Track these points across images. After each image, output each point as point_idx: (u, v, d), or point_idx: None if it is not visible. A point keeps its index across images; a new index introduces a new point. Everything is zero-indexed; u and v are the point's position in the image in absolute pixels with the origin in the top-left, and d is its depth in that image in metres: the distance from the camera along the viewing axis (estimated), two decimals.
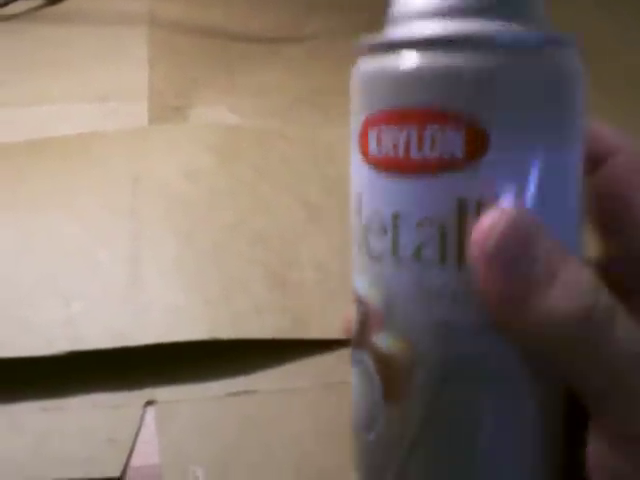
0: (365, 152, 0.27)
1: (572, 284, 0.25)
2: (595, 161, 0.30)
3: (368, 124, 0.27)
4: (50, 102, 0.67)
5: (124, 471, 0.46)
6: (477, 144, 0.25)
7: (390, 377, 0.27)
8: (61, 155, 0.61)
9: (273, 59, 0.73)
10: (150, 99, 0.68)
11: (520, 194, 0.26)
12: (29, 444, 0.46)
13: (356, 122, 0.28)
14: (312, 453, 0.46)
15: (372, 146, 0.27)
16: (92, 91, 0.68)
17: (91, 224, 0.55)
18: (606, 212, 0.30)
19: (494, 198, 0.26)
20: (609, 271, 0.29)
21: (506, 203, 0.26)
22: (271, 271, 0.53)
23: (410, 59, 0.26)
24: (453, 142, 0.25)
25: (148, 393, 0.49)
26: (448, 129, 0.25)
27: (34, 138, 0.63)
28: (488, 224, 0.25)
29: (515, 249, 0.25)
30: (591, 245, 0.30)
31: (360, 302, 0.29)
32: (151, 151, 0.61)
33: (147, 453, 0.47)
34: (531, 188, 0.26)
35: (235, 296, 0.51)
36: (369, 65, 0.27)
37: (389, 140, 0.26)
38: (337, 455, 0.46)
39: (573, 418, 0.28)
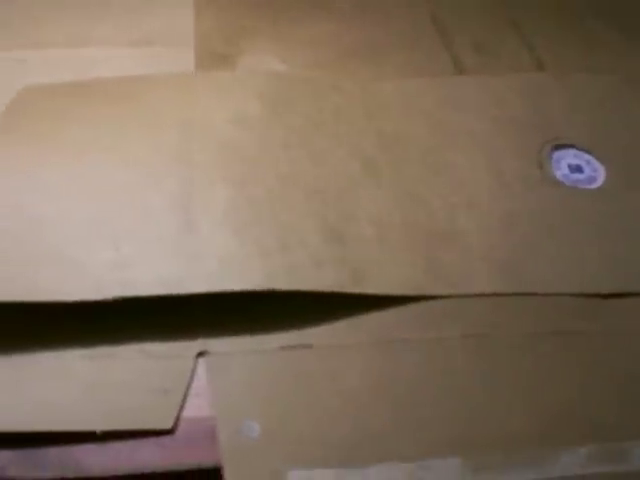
0: None
1: None
2: None
3: None
4: (93, 44, 0.65)
5: (175, 423, 0.44)
6: None
7: None
8: (107, 98, 0.58)
9: (322, 11, 0.70)
10: (197, 45, 0.65)
11: None
12: (79, 392, 0.44)
13: None
14: (368, 408, 0.45)
15: None
16: (136, 34, 0.66)
17: (141, 168, 0.53)
18: None
19: None
20: None
21: None
22: (328, 224, 0.51)
23: None
24: None
25: (200, 344, 0.47)
26: None
27: (78, 80, 0.60)
28: None
29: None
30: None
31: None
32: (200, 97, 0.58)
33: (199, 405, 0.45)
34: None
35: (291, 247, 0.49)
36: None
37: None
38: (393, 411, 0.44)
39: None
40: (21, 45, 0.65)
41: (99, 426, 0.43)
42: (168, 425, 0.43)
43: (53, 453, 0.43)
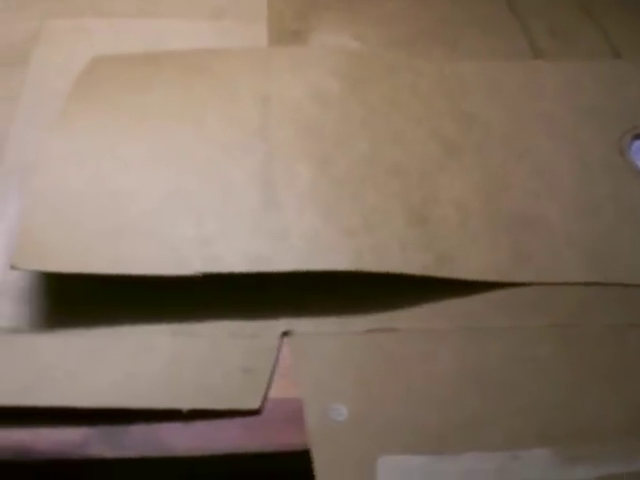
0: None
1: None
2: None
3: None
4: (162, 16, 0.64)
5: (262, 404, 0.43)
6: None
7: None
8: (180, 70, 0.57)
9: None
10: (269, 20, 0.63)
11: None
12: (162, 369, 0.43)
13: None
14: (457, 395, 0.44)
15: None
16: (207, 8, 0.64)
17: (221, 142, 0.52)
18: None
19: None
20: None
21: None
22: (411, 205, 0.50)
23: None
24: None
25: (284, 323, 0.46)
26: None
27: (149, 51, 0.59)
28: None
29: None
30: None
31: None
32: (276, 72, 0.57)
33: (285, 386, 0.44)
34: None
35: (376, 228, 0.48)
36: None
37: None
38: (482, 399, 0.43)
39: None
40: (88, 14, 0.63)
41: (184, 404, 0.42)
42: (255, 405, 0.42)
43: (136, 431, 0.42)
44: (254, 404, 0.42)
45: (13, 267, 0.44)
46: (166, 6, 0.64)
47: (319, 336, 0.45)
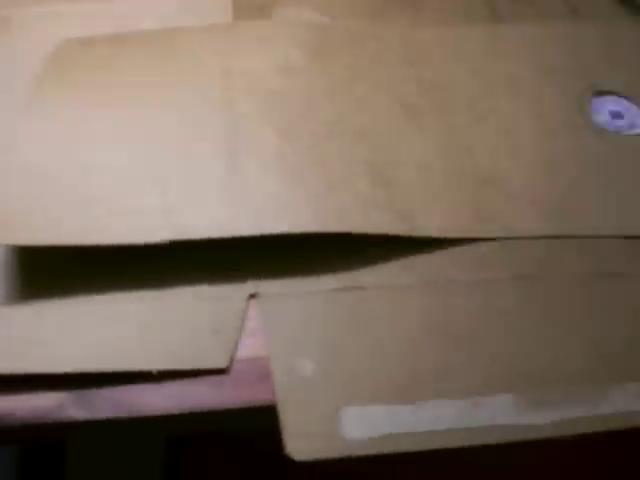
0: None
1: None
2: None
3: None
4: None
5: (230, 363, 0.44)
6: None
7: None
8: (146, 49, 0.58)
9: None
10: None
11: None
12: (133, 333, 0.45)
13: None
14: (421, 347, 0.45)
15: None
16: None
17: (185, 117, 0.53)
18: None
19: None
20: None
21: None
22: (374, 169, 0.51)
23: None
24: None
25: (251, 286, 0.47)
26: None
27: (116, 32, 0.60)
28: None
29: None
30: None
31: None
32: (240, 46, 0.58)
33: (252, 346, 0.45)
34: None
35: (340, 191, 0.49)
36: None
37: None
38: (446, 350, 0.44)
39: None
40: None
41: (154, 366, 0.43)
42: (223, 364, 0.44)
43: (109, 394, 0.43)
44: (222, 363, 0.44)
45: None
46: None
47: (286, 297, 0.47)
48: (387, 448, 0.41)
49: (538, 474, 0.57)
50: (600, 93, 0.58)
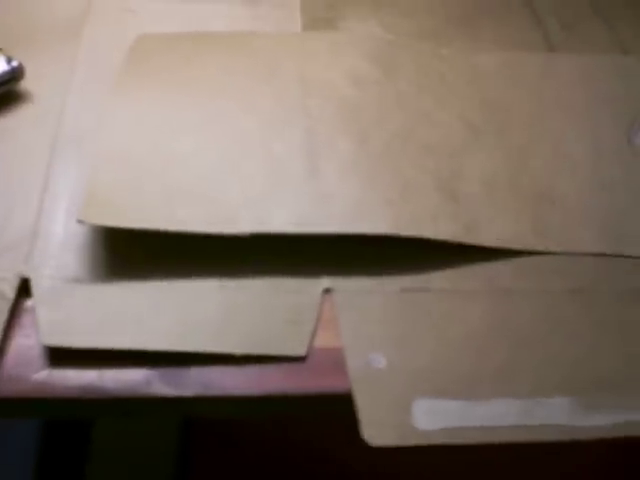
0: None
1: None
2: None
3: None
4: (202, 2, 0.67)
5: (308, 351, 0.47)
6: None
7: None
8: (224, 49, 0.61)
9: None
10: (302, 8, 0.68)
11: None
12: (214, 318, 0.47)
13: None
14: (486, 348, 0.48)
15: None
16: None
17: (265, 117, 0.56)
18: None
19: None
20: None
21: None
22: (441, 181, 0.54)
23: None
24: None
25: (326, 281, 0.50)
26: None
27: (193, 31, 0.63)
28: None
29: None
30: None
31: None
32: (313, 54, 0.61)
33: (327, 337, 0.48)
34: None
35: (412, 199, 0.52)
36: None
37: None
38: (509, 352, 0.48)
39: None
40: None
41: (236, 350, 0.46)
42: (302, 352, 0.46)
43: (193, 373, 0.46)
44: (300, 351, 0.46)
45: (79, 221, 0.48)
46: None
47: (358, 293, 0.49)
48: (454, 439, 0.44)
49: None
50: None
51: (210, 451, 0.84)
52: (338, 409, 0.46)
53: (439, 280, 0.50)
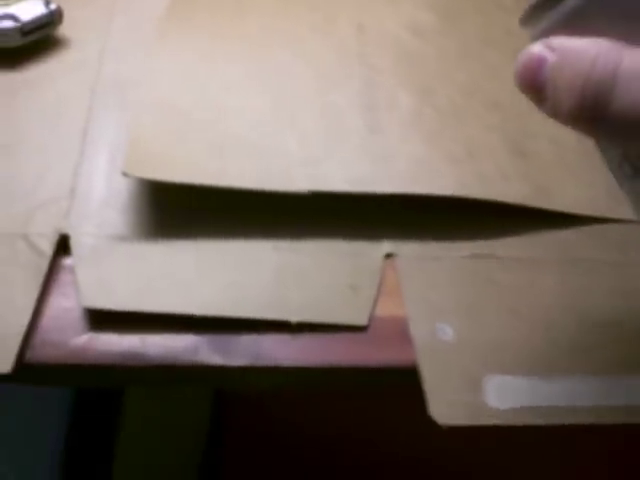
0: None
1: None
2: None
3: None
4: None
5: (369, 320, 0.43)
6: None
7: None
8: None
9: None
10: None
11: None
12: (269, 282, 0.43)
13: None
14: (558, 323, 0.44)
15: None
16: None
17: (321, 67, 0.52)
18: None
19: None
20: None
21: None
22: (510, 138, 0.50)
23: None
24: None
25: (387, 246, 0.46)
26: None
27: None
28: None
29: None
30: None
31: None
32: (371, 2, 0.57)
33: (389, 305, 0.44)
34: None
35: (479, 157, 0.48)
36: None
37: None
38: (584, 329, 0.43)
39: None
40: None
41: (291, 316, 0.42)
42: (363, 321, 0.42)
43: (244, 341, 0.42)
44: (362, 320, 0.42)
45: (124, 174, 0.44)
46: None
47: (422, 259, 0.46)
48: (529, 420, 0.40)
49: None
50: None
51: (242, 425, 0.81)
52: (402, 383, 0.42)
53: (508, 247, 0.47)
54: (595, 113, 0.28)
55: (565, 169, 0.49)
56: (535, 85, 0.29)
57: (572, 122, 0.29)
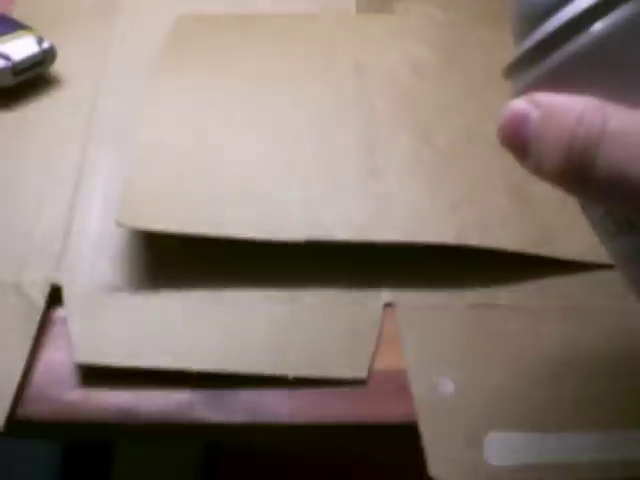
0: None
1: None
2: None
3: None
4: None
5: (369, 374, 0.42)
6: None
7: None
8: (274, 31, 0.56)
9: None
10: None
11: None
12: (265, 334, 0.42)
13: None
14: (562, 374, 0.43)
15: None
16: None
17: (320, 108, 0.51)
18: None
19: None
20: None
21: None
22: (512, 182, 0.49)
23: None
24: None
25: (386, 294, 0.45)
26: None
27: (240, 12, 0.58)
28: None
29: None
30: None
31: None
32: (370, 39, 0.56)
33: (388, 357, 0.43)
34: None
35: (479, 202, 0.47)
36: None
37: None
38: (587, 379, 0.42)
39: None
40: None
41: (289, 371, 0.41)
42: (362, 374, 0.42)
43: (241, 396, 0.41)
44: (361, 374, 0.42)
45: (118, 224, 0.43)
46: None
47: (422, 308, 0.45)
48: (531, 478, 0.39)
49: None
50: None
51: (233, 471, 0.80)
52: (401, 439, 0.41)
53: (509, 295, 0.46)
54: (580, 172, 0.27)
55: (567, 215, 0.48)
56: (518, 142, 0.28)
57: (556, 181, 0.28)
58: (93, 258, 0.45)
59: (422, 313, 0.44)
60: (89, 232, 0.46)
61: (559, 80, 0.28)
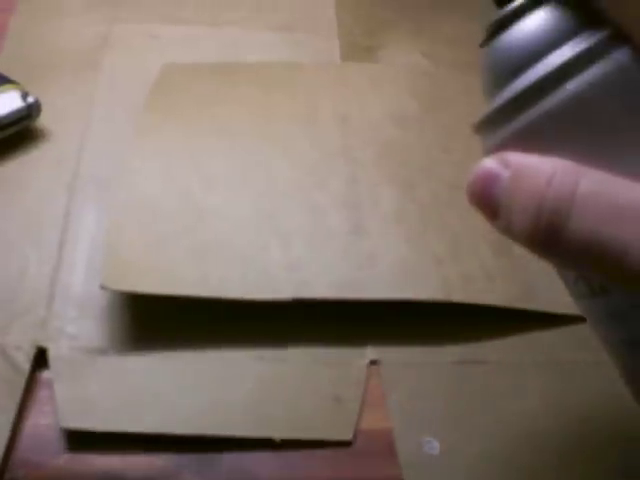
0: None
1: None
2: None
3: None
4: (232, 25, 0.62)
5: (354, 434, 0.42)
6: None
7: None
8: (259, 83, 0.56)
9: (459, 10, 0.67)
10: (339, 35, 0.63)
11: None
12: (251, 396, 0.42)
13: None
14: (549, 433, 0.43)
15: None
16: (277, 19, 0.63)
17: (304, 164, 0.51)
18: None
19: None
20: None
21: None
22: (494, 237, 0.49)
23: None
24: None
25: (371, 352, 0.45)
26: None
27: (224, 61, 0.58)
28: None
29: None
30: None
31: None
32: (354, 89, 0.57)
33: (374, 416, 0.43)
34: None
35: (463, 256, 0.47)
36: None
37: None
38: (576, 436, 0.43)
39: None
40: (156, 20, 0.62)
41: (274, 433, 0.41)
42: (348, 436, 0.42)
43: (226, 460, 0.41)
44: (347, 435, 0.42)
45: (103, 287, 0.43)
46: (235, 16, 0.63)
47: (407, 365, 0.45)
48: None
49: None
50: None
51: None
52: None
53: (493, 350, 0.46)
54: (549, 236, 0.26)
55: (550, 268, 0.49)
56: (488, 202, 0.28)
57: (525, 243, 0.27)
58: (78, 319, 0.45)
59: (407, 371, 0.45)
60: (74, 293, 0.46)
61: (530, 139, 0.27)
